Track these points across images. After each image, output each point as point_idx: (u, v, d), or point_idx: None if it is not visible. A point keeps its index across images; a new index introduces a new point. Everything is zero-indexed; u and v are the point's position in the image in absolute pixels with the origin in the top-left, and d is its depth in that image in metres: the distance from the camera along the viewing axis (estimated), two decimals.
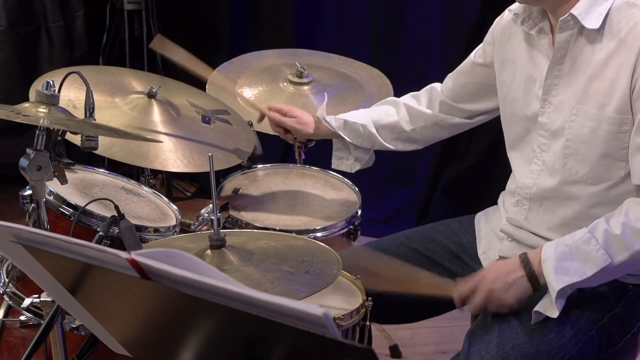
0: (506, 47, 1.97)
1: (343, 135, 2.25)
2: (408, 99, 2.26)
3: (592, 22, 1.75)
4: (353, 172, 2.33)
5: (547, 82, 1.84)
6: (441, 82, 2.25)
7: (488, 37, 2.06)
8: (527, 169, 1.92)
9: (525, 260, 1.77)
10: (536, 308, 1.77)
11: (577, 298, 1.80)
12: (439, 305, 2.10)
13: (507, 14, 1.98)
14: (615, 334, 1.85)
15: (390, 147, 2.25)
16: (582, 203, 1.83)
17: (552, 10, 1.82)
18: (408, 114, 2.22)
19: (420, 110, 2.21)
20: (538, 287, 1.77)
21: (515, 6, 1.92)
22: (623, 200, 1.77)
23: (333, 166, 2.34)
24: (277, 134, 2.40)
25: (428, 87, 2.26)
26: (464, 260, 2.06)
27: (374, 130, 2.22)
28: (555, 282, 1.72)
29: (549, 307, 1.75)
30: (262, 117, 2.40)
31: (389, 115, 2.23)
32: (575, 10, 1.75)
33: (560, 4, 1.79)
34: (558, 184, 1.85)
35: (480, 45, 2.10)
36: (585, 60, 1.78)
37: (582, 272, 1.71)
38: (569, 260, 1.72)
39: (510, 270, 1.78)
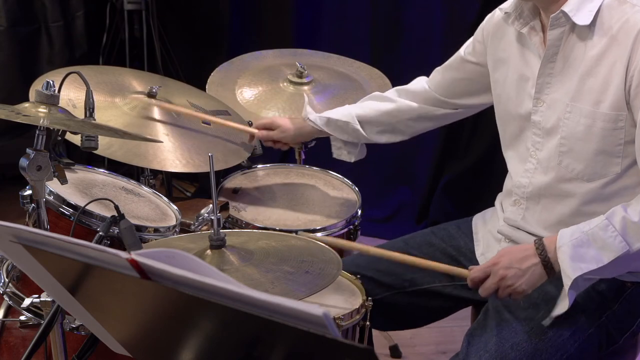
0: (499, 46, 1.97)
1: (329, 132, 2.29)
2: (392, 92, 2.28)
3: (583, 18, 1.75)
4: (352, 161, 2.36)
5: (539, 80, 1.85)
6: None
7: (478, 35, 2.06)
8: (522, 167, 1.93)
9: (540, 247, 1.75)
10: (554, 313, 1.74)
11: (577, 296, 1.80)
12: (439, 311, 2.10)
13: (498, 13, 1.98)
14: (614, 332, 1.85)
15: (376, 140, 2.27)
16: (579, 200, 1.83)
17: (544, 7, 1.82)
18: (392, 108, 2.23)
19: (404, 103, 2.23)
20: (553, 274, 1.74)
21: (506, 5, 1.92)
22: (619, 196, 1.78)
23: (334, 156, 2.37)
24: (271, 147, 2.44)
25: (414, 80, 2.27)
26: (462, 263, 2.05)
27: (357, 127, 2.25)
28: (572, 270, 1.68)
29: (560, 303, 1.73)
30: (251, 137, 2.41)
31: (373, 109, 2.25)
32: (566, 7, 1.76)
33: (552, 1, 1.79)
34: (553, 181, 1.86)
35: (470, 41, 2.10)
36: (577, 58, 1.79)
37: (599, 259, 1.68)
38: (585, 247, 1.69)
39: (525, 256, 1.75)
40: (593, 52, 1.76)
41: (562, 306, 1.73)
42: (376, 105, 2.26)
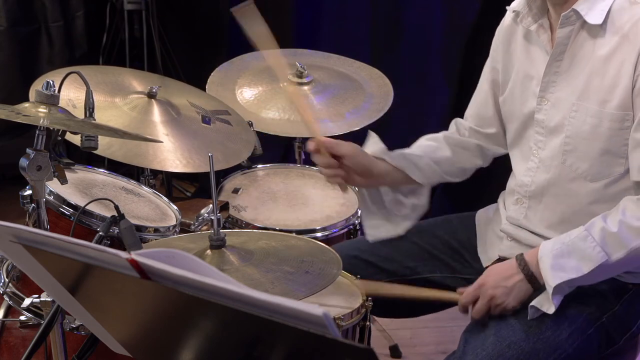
0: (509, 48, 1.98)
1: (401, 167, 1.99)
2: (446, 132, 2.14)
3: (594, 17, 1.75)
4: (403, 233, 2.06)
5: (545, 79, 1.85)
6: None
7: (493, 45, 2.05)
8: (525, 166, 1.93)
9: (522, 262, 1.78)
10: (532, 303, 1.76)
11: (576, 296, 1.80)
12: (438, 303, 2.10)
13: (507, 16, 1.98)
14: (614, 333, 1.85)
15: (447, 179, 2.11)
16: (581, 200, 1.83)
17: (555, 5, 1.82)
18: (454, 145, 2.11)
19: (461, 140, 2.11)
20: (538, 286, 1.77)
21: (514, 4, 1.92)
22: (622, 197, 1.78)
23: (370, 239, 2.05)
24: (327, 169, 1.94)
25: (453, 121, 2.16)
26: (464, 256, 2.06)
27: (431, 162, 2.06)
28: (552, 278, 1.72)
29: (546, 303, 1.75)
30: (316, 143, 1.92)
31: (440, 149, 2.10)
32: (578, 6, 1.76)
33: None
34: (556, 180, 1.86)
35: (488, 59, 2.07)
36: (585, 57, 1.78)
37: (579, 269, 1.71)
38: (565, 257, 1.73)
39: (509, 274, 1.78)
40: (602, 51, 1.76)
41: (549, 308, 1.74)
42: (436, 144, 2.09)
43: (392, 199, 2.05)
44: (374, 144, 2.03)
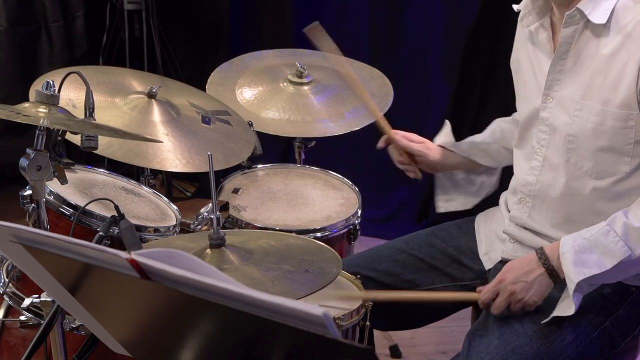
0: (520, 48, 1.99)
1: (468, 156, 2.15)
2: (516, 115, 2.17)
3: (598, 16, 1.75)
4: (470, 207, 2.20)
5: (549, 77, 1.85)
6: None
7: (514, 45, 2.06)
8: (527, 165, 1.92)
9: (543, 256, 1.76)
10: (555, 313, 1.75)
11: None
12: (439, 310, 2.10)
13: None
14: (616, 336, 1.85)
15: None
16: (587, 198, 1.83)
17: (559, 5, 1.82)
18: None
19: None
20: (559, 281, 1.76)
21: (520, 4, 1.93)
22: (628, 196, 1.77)
23: (440, 210, 2.24)
24: (400, 164, 2.24)
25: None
26: (464, 263, 2.05)
27: (500, 148, 2.15)
28: (575, 274, 1.70)
29: (566, 307, 1.74)
30: (387, 140, 2.22)
31: (511, 132, 2.14)
32: (582, 5, 1.76)
33: None
34: (561, 179, 1.85)
35: None
36: (589, 55, 1.79)
37: (602, 264, 1.69)
38: (587, 253, 1.71)
39: (529, 269, 1.77)
40: (606, 50, 1.76)
41: (569, 309, 1.73)
42: (508, 127, 2.16)
43: (463, 177, 2.20)
44: (444, 136, 2.21)
